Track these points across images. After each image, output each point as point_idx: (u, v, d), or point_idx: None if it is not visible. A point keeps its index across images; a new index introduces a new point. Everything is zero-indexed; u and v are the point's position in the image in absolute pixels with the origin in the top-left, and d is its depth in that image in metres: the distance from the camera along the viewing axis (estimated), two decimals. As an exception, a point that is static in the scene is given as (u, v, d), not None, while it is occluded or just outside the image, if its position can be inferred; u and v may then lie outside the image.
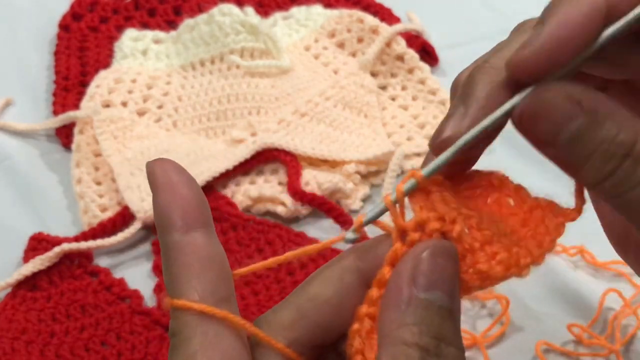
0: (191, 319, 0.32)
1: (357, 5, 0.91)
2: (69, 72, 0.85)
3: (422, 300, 0.31)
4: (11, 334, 0.63)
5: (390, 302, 0.31)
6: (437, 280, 0.31)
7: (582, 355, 0.60)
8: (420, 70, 0.83)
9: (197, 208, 0.34)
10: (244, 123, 0.77)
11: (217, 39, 0.82)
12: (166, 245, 0.33)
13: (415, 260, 0.32)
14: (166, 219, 0.33)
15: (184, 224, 0.33)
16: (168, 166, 0.34)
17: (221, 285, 0.33)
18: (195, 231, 0.33)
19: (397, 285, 0.31)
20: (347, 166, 0.74)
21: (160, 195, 0.34)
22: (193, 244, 0.33)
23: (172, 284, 0.33)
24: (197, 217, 0.33)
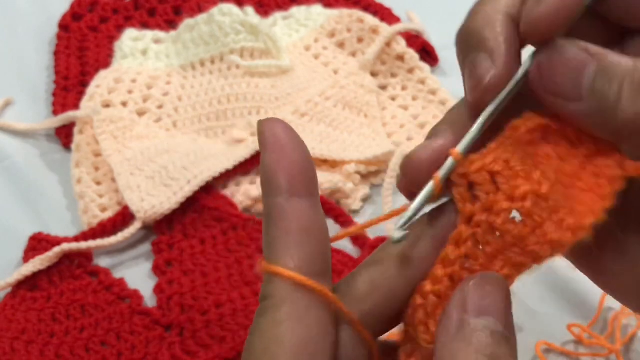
0: (284, 286, 0.31)
1: (357, 5, 0.91)
2: (69, 72, 0.85)
3: (475, 324, 0.31)
4: (11, 334, 0.63)
5: (444, 328, 0.31)
6: (488, 307, 0.31)
7: (582, 355, 0.60)
8: (420, 70, 0.83)
9: (305, 174, 0.33)
10: (244, 123, 0.77)
11: (217, 38, 0.82)
12: (269, 207, 0.32)
13: (465, 288, 0.32)
14: (273, 181, 0.33)
15: (290, 187, 0.32)
16: (278, 127, 0.34)
17: (318, 258, 0.32)
18: (300, 198, 0.33)
19: (448, 312, 0.32)
20: (347, 166, 0.74)
21: (270, 156, 0.33)
22: (297, 210, 0.32)
23: (270, 248, 0.32)
24: (304, 183, 0.33)
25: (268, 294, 0.32)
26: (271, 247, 0.32)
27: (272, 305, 0.31)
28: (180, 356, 0.62)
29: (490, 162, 0.32)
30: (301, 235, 0.32)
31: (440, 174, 0.33)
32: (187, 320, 0.64)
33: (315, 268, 0.32)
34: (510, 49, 0.33)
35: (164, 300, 0.66)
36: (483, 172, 0.32)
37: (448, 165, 0.33)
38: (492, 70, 0.32)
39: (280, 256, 0.32)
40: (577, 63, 0.32)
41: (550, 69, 0.32)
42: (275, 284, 0.32)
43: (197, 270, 0.68)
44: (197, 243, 0.70)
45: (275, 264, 0.32)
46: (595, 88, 0.31)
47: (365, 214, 0.73)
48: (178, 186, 0.71)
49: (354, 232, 0.36)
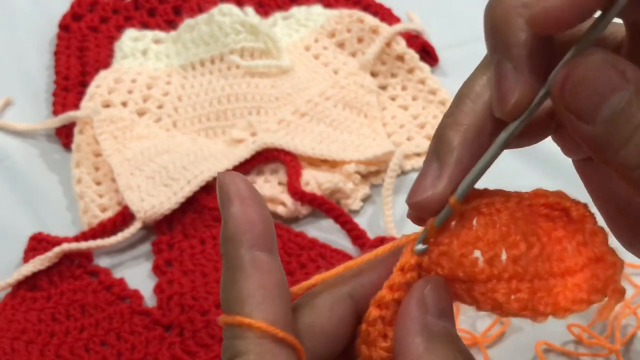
0: (261, 341, 0.31)
1: (357, 5, 0.91)
2: (69, 72, 0.85)
3: (442, 326, 0.32)
4: (11, 334, 0.63)
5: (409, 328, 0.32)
6: (445, 309, 0.32)
7: (582, 355, 0.60)
8: (420, 70, 0.83)
9: (268, 230, 0.33)
10: (244, 123, 0.77)
11: (217, 39, 0.82)
12: (237, 260, 0.32)
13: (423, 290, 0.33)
14: (240, 233, 0.32)
15: (255, 242, 0.32)
16: (240, 181, 0.33)
17: (287, 312, 0.32)
18: (265, 252, 0.32)
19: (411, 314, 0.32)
20: (347, 166, 0.74)
21: (236, 207, 0.32)
22: (268, 264, 0.32)
23: (240, 302, 0.31)
24: (267, 238, 0.32)
25: (240, 351, 0.31)
26: (241, 301, 0.31)
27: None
28: (180, 356, 0.62)
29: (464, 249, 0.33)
30: (272, 290, 0.32)
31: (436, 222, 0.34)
32: (187, 320, 0.64)
33: (285, 322, 0.32)
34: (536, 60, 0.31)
35: (164, 300, 0.66)
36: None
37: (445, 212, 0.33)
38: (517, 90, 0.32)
39: (252, 311, 0.31)
40: (607, 86, 0.29)
41: (576, 86, 0.30)
42: (248, 340, 0.31)
43: (197, 270, 0.68)
44: (197, 243, 0.70)
45: (247, 316, 0.31)
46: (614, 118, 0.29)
47: (365, 214, 0.73)
48: (178, 186, 0.71)
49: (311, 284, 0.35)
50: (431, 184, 0.33)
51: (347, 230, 0.69)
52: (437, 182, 0.33)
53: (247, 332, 0.31)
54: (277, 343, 0.31)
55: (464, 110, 0.34)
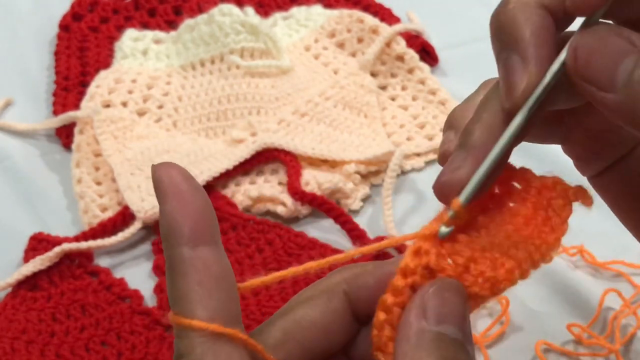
0: (203, 339, 0.30)
1: (357, 5, 0.91)
2: (69, 72, 0.85)
3: (435, 332, 0.31)
4: (11, 333, 0.63)
5: (403, 336, 0.31)
6: (447, 314, 0.32)
7: (582, 355, 0.60)
8: (420, 70, 0.83)
9: (207, 221, 0.32)
10: (244, 123, 0.77)
11: (217, 39, 0.82)
12: (174, 259, 0.31)
13: (424, 296, 0.32)
14: (175, 231, 0.31)
15: (193, 237, 0.31)
16: (175, 172, 0.32)
17: (230, 306, 0.32)
18: (204, 246, 0.31)
19: (407, 320, 0.31)
20: (347, 166, 0.74)
21: (169, 204, 0.31)
22: (204, 260, 0.31)
23: (181, 301, 0.31)
24: (206, 230, 0.32)
25: (184, 351, 0.31)
26: (182, 300, 0.31)
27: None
28: (181, 356, 0.62)
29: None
30: (211, 285, 0.31)
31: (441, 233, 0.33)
32: (187, 320, 0.64)
33: (228, 316, 0.31)
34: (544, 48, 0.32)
35: (164, 300, 0.66)
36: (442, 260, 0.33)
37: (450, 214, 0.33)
38: (525, 80, 0.32)
39: (193, 309, 0.31)
40: (616, 51, 0.30)
41: (587, 55, 0.31)
42: (192, 339, 0.31)
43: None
44: (197, 243, 0.70)
45: (188, 316, 0.31)
46: (631, 80, 0.30)
47: (365, 214, 0.73)
48: (178, 186, 0.71)
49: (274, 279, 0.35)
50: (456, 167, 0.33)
51: (347, 230, 0.69)
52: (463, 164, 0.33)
53: (188, 332, 0.31)
54: (220, 339, 0.31)
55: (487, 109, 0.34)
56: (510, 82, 0.32)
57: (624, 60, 0.30)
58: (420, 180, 0.75)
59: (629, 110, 0.31)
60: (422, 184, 0.75)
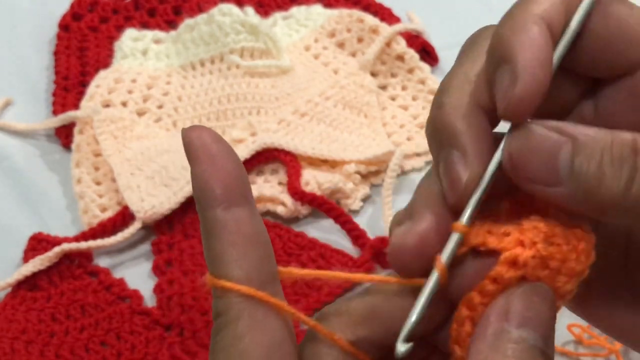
0: (238, 300, 0.31)
1: (357, 5, 0.91)
2: (69, 72, 0.85)
3: (514, 335, 0.30)
4: (11, 333, 0.63)
5: (480, 334, 0.30)
6: (531, 319, 0.30)
7: (582, 355, 0.60)
8: (420, 70, 0.83)
9: (240, 182, 0.32)
10: (244, 123, 0.77)
11: (217, 39, 0.82)
12: (208, 221, 0.31)
13: (509, 297, 0.31)
14: (208, 193, 0.31)
15: (226, 198, 0.31)
16: (205, 134, 0.32)
17: (266, 265, 0.32)
18: (237, 207, 0.31)
19: (487, 319, 0.31)
20: (347, 166, 0.74)
21: (201, 167, 0.31)
22: (238, 220, 0.31)
23: (216, 263, 0.31)
24: (240, 191, 0.32)
25: (221, 310, 0.31)
26: (217, 261, 0.31)
27: (229, 321, 0.31)
28: (180, 356, 0.62)
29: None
30: (246, 245, 0.31)
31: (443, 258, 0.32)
32: (187, 320, 0.64)
33: (263, 276, 0.31)
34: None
35: (164, 300, 0.66)
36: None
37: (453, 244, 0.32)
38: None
39: (228, 269, 0.31)
40: (550, 146, 0.30)
41: (522, 157, 0.31)
42: (227, 299, 0.31)
43: (197, 270, 0.68)
44: (197, 243, 0.70)
45: (224, 277, 0.31)
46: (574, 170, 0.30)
47: (365, 214, 0.73)
48: (178, 186, 0.71)
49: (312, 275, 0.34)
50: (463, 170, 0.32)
51: (347, 230, 0.69)
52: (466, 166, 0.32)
53: (225, 292, 0.31)
54: (254, 299, 0.31)
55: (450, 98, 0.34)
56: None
57: (560, 153, 0.30)
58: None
59: (580, 198, 0.30)
60: (422, 184, 0.74)
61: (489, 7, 0.91)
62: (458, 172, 0.32)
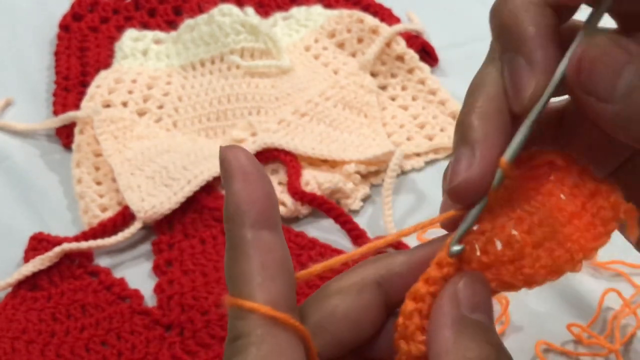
0: (262, 322, 0.30)
1: (357, 5, 0.91)
2: (70, 72, 0.85)
3: (473, 320, 0.32)
4: (11, 333, 0.63)
5: (440, 323, 0.32)
6: (479, 304, 0.33)
7: (581, 355, 0.60)
8: (420, 71, 0.83)
9: (271, 206, 0.32)
10: (244, 123, 0.77)
11: (217, 39, 0.82)
12: (238, 240, 0.31)
13: (456, 287, 0.33)
14: (242, 212, 0.31)
15: (258, 220, 0.31)
16: (242, 155, 0.32)
17: (290, 293, 0.32)
18: (268, 230, 0.32)
19: (442, 309, 0.32)
20: (347, 166, 0.74)
21: (237, 185, 0.31)
22: (268, 243, 0.31)
23: (241, 283, 0.31)
24: (271, 215, 0.32)
25: (242, 332, 0.30)
26: (242, 281, 0.31)
27: (250, 344, 0.30)
28: (181, 356, 0.62)
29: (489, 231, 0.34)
30: (274, 269, 0.31)
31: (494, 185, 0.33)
32: (187, 320, 0.64)
33: (288, 303, 0.31)
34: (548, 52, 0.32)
35: (164, 300, 0.66)
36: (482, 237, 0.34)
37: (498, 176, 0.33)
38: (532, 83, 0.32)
39: (254, 291, 0.31)
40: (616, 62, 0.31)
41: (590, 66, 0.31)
42: (249, 321, 0.30)
43: (197, 270, 0.68)
44: (197, 243, 0.70)
45: (247, 298, 0.31)
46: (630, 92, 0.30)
47: (365, 214, 0.73)
48: (178, 186, 0.71)
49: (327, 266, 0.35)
50: (466, 166, 0.33)
51: (347, 230, 0.69)
52: (472, 161, 0.33)
53: (249, 314, 0.30)
54: (278, 324, 0.31)
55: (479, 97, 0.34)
56: (517, 86, 0.33)
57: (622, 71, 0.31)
58: (420, 180, 0.75)
59: (625, 121, 0.31)
60: (422, 184, 0.75)
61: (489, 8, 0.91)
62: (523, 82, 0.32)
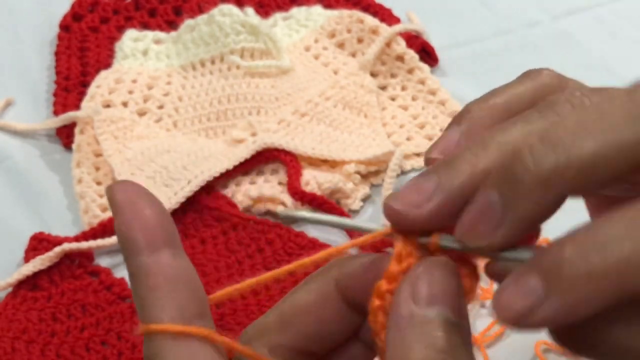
0: (164, 342, 0.31)
1: (357, 5, 0.91)
2: (70, 72, 0.85)
3: (424, 316, 0.30)
4: (12, 333, 0.64)
5: (392, 322, 0.30)
6: (437, 295, 0.30)
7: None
8: (420, 71, 0.83)
9: (160, 227, 0.33)
10: (244, 123, 0.78)
11: (218, 39, 0.82)
12: (132, 269, 0.32)
13: (412, 277, 0.31)
14: (130, 242, 0.32)
15: (148, 245, 0.32)
16: (129, 187, 0.33)
17: (191, 304, 0.32)
18: (160, 251, 0.32)
19: (396, 304, 0.31)
20: (347, 166, 0.74)
21: (122, 217, 0.32)
22: (159, 264, 0.32)
23: (142, 309, 0.32)
24: (161, 236, 0.32)
25: (150, 355, 0.32)
26: (143, 307, 0.32)
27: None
28: (181, 356, 0.62)
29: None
30: (168, 287, 0.32)
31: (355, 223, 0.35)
32: (187, 319, 0.64)
33: (190, 313, 0.32)
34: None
35: (165, 300, 0.66)
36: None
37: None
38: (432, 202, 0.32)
39: (153, 314, 0.32)
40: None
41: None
42: (155, 342, 0.31)
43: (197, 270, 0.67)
44: (198, 243, 0.70)
45: (153, 321, 0.32)
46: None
47: (366, 214, 0.73)
48: (178, 186, 0.71)
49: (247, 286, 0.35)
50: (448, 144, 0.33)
51: (347, 230, 0.69)
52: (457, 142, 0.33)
53: (152, 337, 0.32)
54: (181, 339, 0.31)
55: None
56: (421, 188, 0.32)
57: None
58: (420, 180, 0.75)
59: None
60: (422, 184, 0.75)
61: (489, 7, 0.91)
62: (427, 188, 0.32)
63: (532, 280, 0.28)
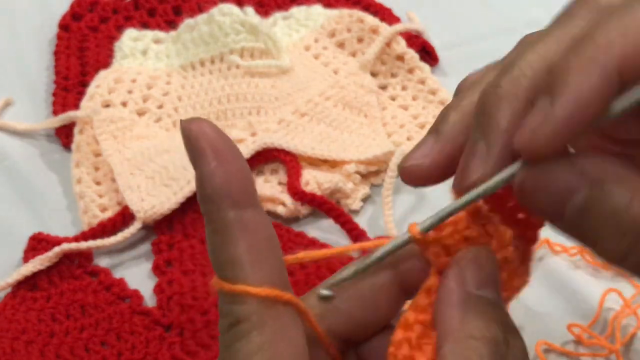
0: (261, 305, 0.29)
1: (357, 5, 0.91)
2: (69, 72, 0.85)
3: (479, 296, 0.31)
4: (11, 334, 0.63)
5: (446, 302, 0.31)
6: (485, 279, 0.32)
7: (582, 355, 0.60)
8: (420, 70, 0.83)
9: (249, 182, 0.31)
10: (244, 123, 0.77)
11: (217, 38, 0.82)
12: (221, 223, 0.30)
13: (461, 263, 0.32)
14: (221, 193, 0.30)
15: (239, 199, 0.30)
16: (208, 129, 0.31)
17: (282, 269, 0.31)
18: (251, 209, 0.30)
19: (448, 287, 0.32)
20: (347, 166, 0.74)
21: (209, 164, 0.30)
22: (252, 223, 0.30)
23: (231, 266, 0.30)
24: (250, 191, 0.31)
25: (241, 317, 0.30)
26: (232, 265, 0.30)
27: (251, 328, 0.29)
28: (181, 356, 0.62)
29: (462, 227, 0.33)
30: (262, 249, 0.30)
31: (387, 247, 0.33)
32: (187, 320, 0.64)
33: (280, 280, 0.30)
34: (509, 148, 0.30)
35: (164, 300, 0.66)
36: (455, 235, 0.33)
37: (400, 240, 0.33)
38: (479, 171, 0.31)
39: (245, 274, 0.30)
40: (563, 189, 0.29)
41: (533, 190, 0.30)
42: (247, 305, 0.29)
43: (197, 270, 0.68)
44: (197, 243, 0.70)
45: (241, 282, 0.29)
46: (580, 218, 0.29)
47: (366, 214, 0.73)
48: (178, 186, 0.71)
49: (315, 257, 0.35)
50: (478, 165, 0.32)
51: (347, 230, 0.69)
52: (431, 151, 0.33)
53: (245, 297, 0.29)
54: (276, 304, 0.30)
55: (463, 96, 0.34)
56: (467, 166, 0.31)
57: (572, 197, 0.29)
58: (420, 180, 0.75)
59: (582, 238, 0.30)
60: (422, 184, 0.74)
61: (489, 7, 0.91)
62: (475, 165, 0.31)
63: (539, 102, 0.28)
